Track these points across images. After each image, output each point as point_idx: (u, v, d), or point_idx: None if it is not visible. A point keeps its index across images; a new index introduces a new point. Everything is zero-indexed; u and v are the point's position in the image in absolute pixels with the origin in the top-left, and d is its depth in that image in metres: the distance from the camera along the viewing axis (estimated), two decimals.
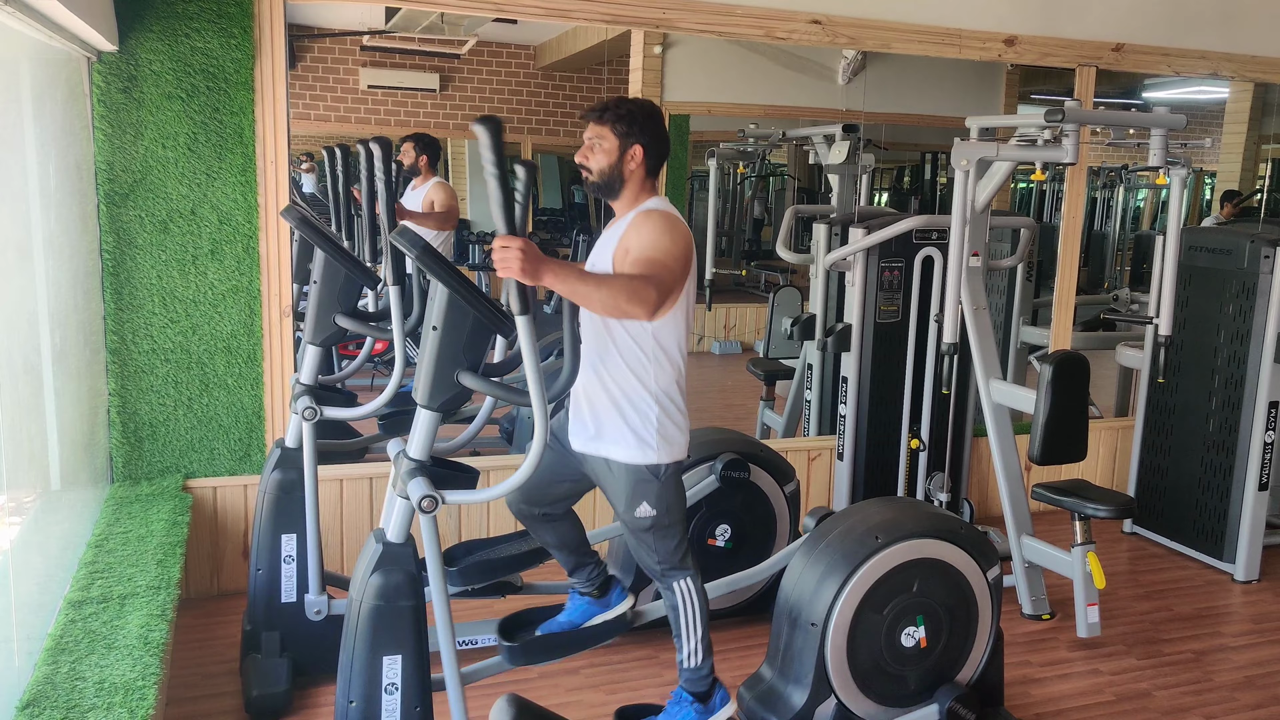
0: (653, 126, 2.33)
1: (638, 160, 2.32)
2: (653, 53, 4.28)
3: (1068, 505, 3.19)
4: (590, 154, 2.33)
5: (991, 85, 5.23)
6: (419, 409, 2.11)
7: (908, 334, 3.90)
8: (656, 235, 2.23)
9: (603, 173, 2.32)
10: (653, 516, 2.34)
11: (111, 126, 3.07)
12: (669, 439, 2.33)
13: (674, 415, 2.34)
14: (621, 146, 2.30)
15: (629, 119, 2.31)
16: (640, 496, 2.33)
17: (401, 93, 4.47)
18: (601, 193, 2.36)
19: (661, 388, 2.32)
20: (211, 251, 3.21)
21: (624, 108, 2.32)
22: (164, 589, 2.51)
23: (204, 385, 3.26)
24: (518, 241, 1.89)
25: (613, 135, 2.30)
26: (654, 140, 2.33)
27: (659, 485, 2.33)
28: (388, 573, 2.07)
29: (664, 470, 2.33)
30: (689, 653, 2.42)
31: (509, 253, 1.89)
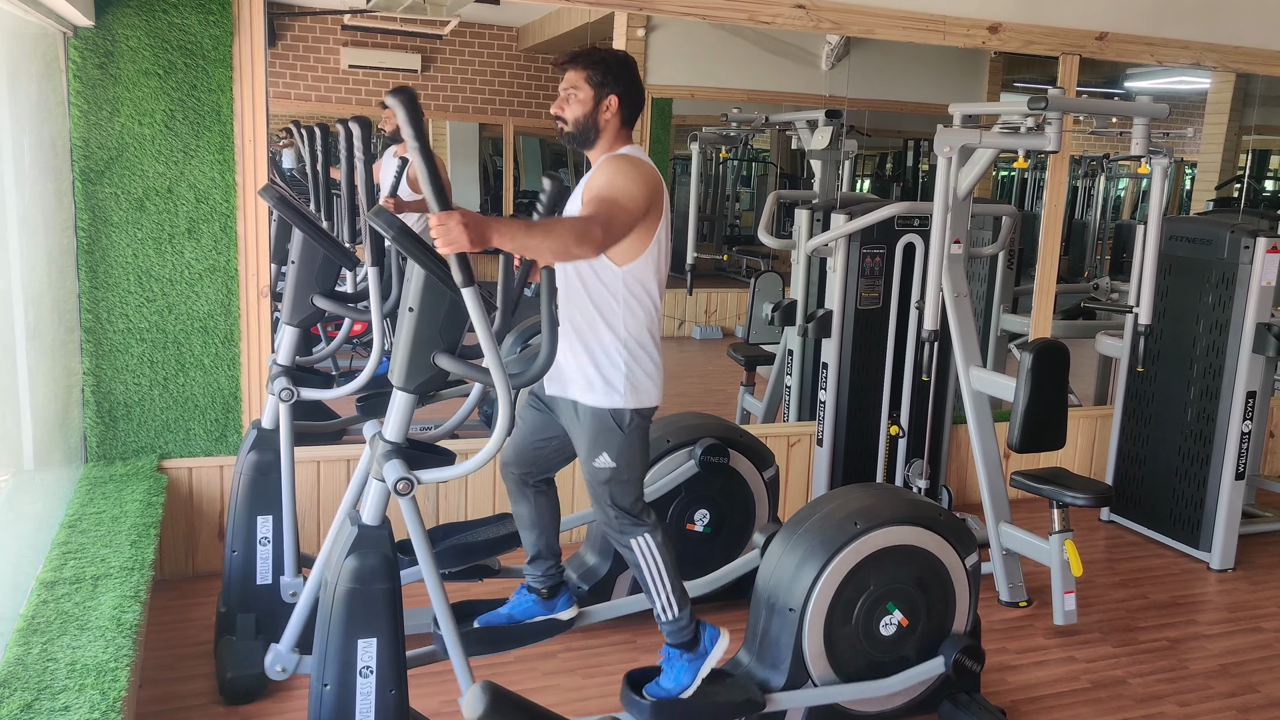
0: (628, 76, 2.31)
1: (613, 110, 2.30)
2: (636, 36, 4.27)
3: (1046, 493, 3.21)
4: (565, 105, 2.30)
5: (975, 73, 5.25)
6: (395, 391, 2.09)
7: (888, 321, 3.91)
8: (612, 175, 2.22)
9: (578, 122, 2.29)
10: (612, 469, 2.34)
11: (87, 103, 3.02)
12: (637, 385, 2.32)
13: (644, 362, 2.33)
14: (596, 96, 2.28)
15: (603, 67, 2.28)
16: (602, 445, 2.33)
17: (383, 73, 4.43)
18: (576, 143, 2.33)
19: (631, 333, 2.31)
20: (188, 230, 3.17)
21: (598, 55, 2.29)
22: (137, 570, 2.49)
23: (180, 365, 3.23)
24: (454, 215, 1.83)
25: (587, 85, 2.28)
26: (629, 89, 2.31)
27: (622, 436, 2.32)
28: (363, 555, 2.06)
29: (629, 418, 2.32)
30: (662, 606, 2.42)
31: (449, 227, 1.82)
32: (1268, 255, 3.63)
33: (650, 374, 2.35)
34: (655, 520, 2.42)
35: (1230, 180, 6.58)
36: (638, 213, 2.20)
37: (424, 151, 1.81)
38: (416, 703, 2.26)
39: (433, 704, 2.61)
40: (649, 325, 2.33)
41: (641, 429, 2.36)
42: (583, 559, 3.16)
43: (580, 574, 3.09)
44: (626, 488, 2.36)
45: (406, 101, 1.78)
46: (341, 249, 2.66)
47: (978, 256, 4.27)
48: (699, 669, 2.43)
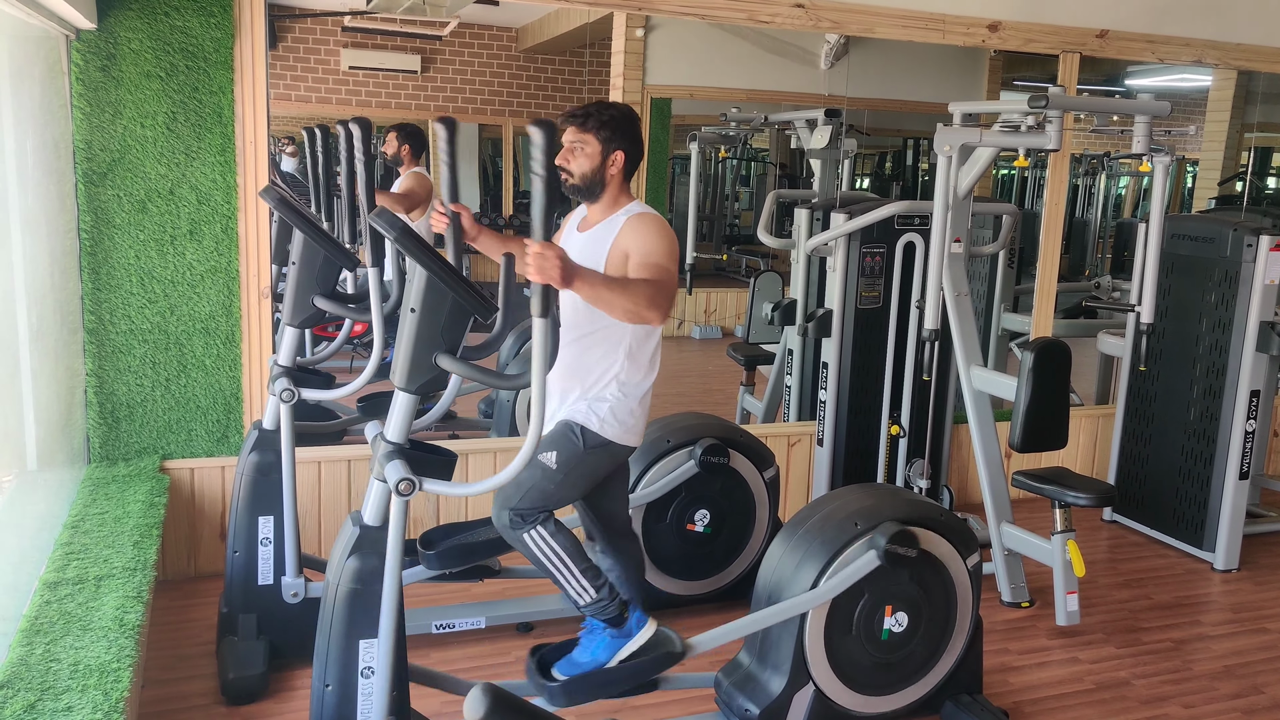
0: (633, 132, 2.41)
1: (618, 165, 2.39)
2: (635, 36, 4.28)
3: (1048, 493, 3.21)
4: (571, 157, 2.39)
5: (975, 71, 5.24)
6: (397, 391, 2.10)
7: (889, 320, 3.90)
8: (656, 241, 2.32)
9: (585, 176, 2.39)
10: (548, 470, 2.35)
11: (90, 105, 3.03)
12: (618, 420, 2.38)
13: (631, 406, 2.40)
14: (604, 152, 2.38)
15: (611, 125, 2.37)
16: (555, 446, 2.36)
17: (383, 74, 4.43)
18: (581, 195, 2.42)
19: (630, 382, 2.38)
20: (190, 232, 3.18)
21: (606, 114, 2.38)
22: (140, 571, 2.49)
23: (182, 366, 3.24)
24: (555, 249, 1.93)
25: (596, 140, 2.37)
26: (633, 145, 2.41)
27: (579, 451, 2.35)
28: (365, 556, 2.06)
29: (594, 441, 2.36)
30: (576, 592, 2.39)
31: (547, 260, 1.92)
32: (1271, 253, 3.62)
33: (635, 416, 2.41)
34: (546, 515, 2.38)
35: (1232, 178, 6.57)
36: (676, 277, 2.31)
37: (549, 183, 1.89)
38: (418, 703, 2.26)
39: (433, 704, 2.61)
40: (644, 378, 2.42)
41: (600, 457, 2.38)
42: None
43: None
44: (543, 496, 2.34)
45: (547, 133, 1.88)
46: (342, 250, 2.66)
47: (978, 255, 4.27)
48: (619, 649, 2.41)
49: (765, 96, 4.82)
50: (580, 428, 2.35)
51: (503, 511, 2.36)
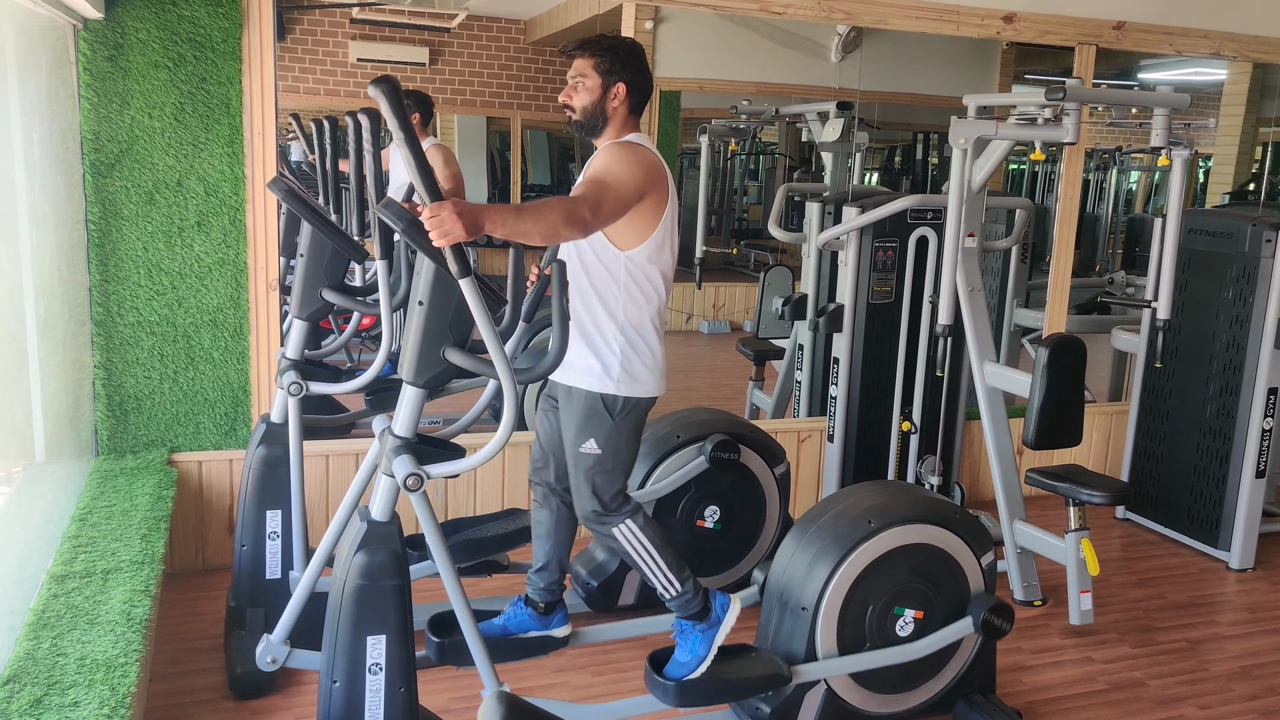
0: (635, 63, 2.30)
1: (620, 98, 2.29)
2: (644, 28, 4.25)
3: (1062, 491, 3.17)
4: (573, 92, 2.29)
5: (986, 64, 5.20)
6: (405, 386, 2.08)
7: (900, 315, 3.87)
8: (608, 159, 2.21)
9: (585, 110, 2.29)
10: (596, 456, 2.32)
11: (97, 95, 3.01)
12: (633, 373, 2.30)
13: (641, 351, 2.31)
14: (605, 84, 2.27)
15: (611, 55, 2.27)
16: (589, 431, 2.31)
17: (391, 66, 4.43)
18: (584, 131, 2.32)
19: (630, 320, 2.29)
20: (198, 223, 3.16)
21: (606, 42, 2.28)
22: (148, 564, 2.48)
23: (190, 359, 3.22)
24: (446, 205, 1.79)
25: (595, 73, 2.27)
26: (637, 77, 2.29)
27: (611, 424, 2.30)
28: (372, 551, 2.04)
29: (620, 405, 2.30)
30: (663, 586, 2.40)
31: (443, 218, 1.78)
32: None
33: (648, 364, 2.32)
34: (634, 504, 2.39)
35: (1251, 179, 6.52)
36: (629, 195, 2.18)
37: (410, 141, 1.78)
38: (426, 700, 2.25)
39: (442, 700, 2.59)
40: (650, 315, 2.31)
41: (633, 419, 2.34)
42: (591, 555, 3.14)
43: (589, 570, 3.07)
44: (610, 478, 2.33)
45: (388, 90, 1.74)
46: (350, 242, 2.64)
47: (991, 250, 4.23)
48: (714, 638, 2.41)
49: (775, 89, 4.80)
50: (599, 398, 2.29)
51: (587, 514, 2.34)
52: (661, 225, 2.27)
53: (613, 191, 2.14)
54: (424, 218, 1.80)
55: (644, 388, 2.32)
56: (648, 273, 2.29)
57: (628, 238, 2.25)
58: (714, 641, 2.41)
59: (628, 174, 2.18)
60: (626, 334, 2.29)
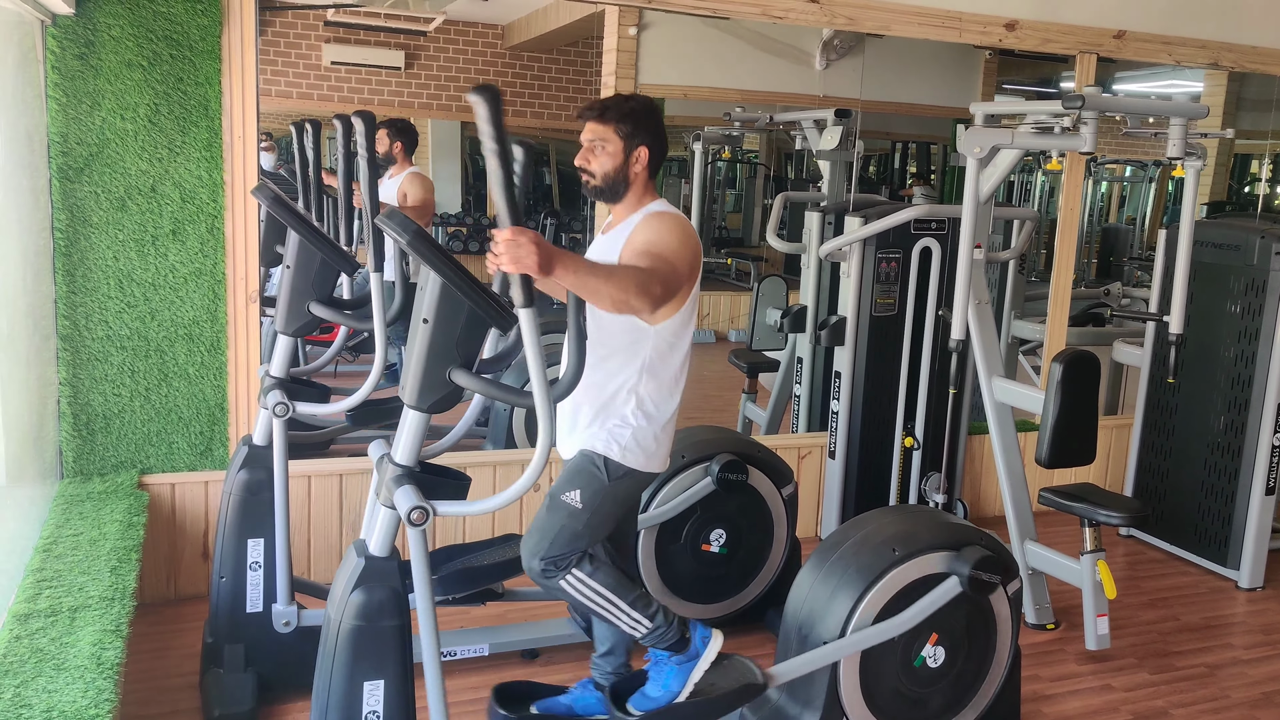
0: (655, 125, 2.22)
1: (642, 163, 2.20)
2: (627, 34, 4.16)
3: (1077, 511, 3.07)
4: (592, 156, 2.19)
5: (969, 74, 5.16)
6: (406, 410, 1.92)
7: (904, 327, 3.76)
8: (664, 234, 2.12)
9: (607, 176, 2.19)
10: (574, 510, 2.15)
11: (66, 95, 2.83)
12: (642, 448, 2.18)
13: (656, 429, 2.20)
14: (626, 149, 2.18)
15: (634, 119, 2.18)
16: (577, 484, 2.16)
17: (365, 70, 4.32)
18: (603, 197, 2.22)
19: (650, 397, 2.18)
20: (173, 231, 2.98)
21: (627, 107, 2.18)
22: (118, 600, 2.29)
23: (163, 375, 3.03)
24: (528, 234, 1.72)
25: (617, 137, 2.18)
26: (657, 140, 2.22)
27: (604, 484, 2.15)
28: (370, 590, 1.89)
29: (619, 473, 2.16)
30: (629, 626, 2.22)
31: (521, 245, 1.71)
32: None
33: (660, 441, 2.21)
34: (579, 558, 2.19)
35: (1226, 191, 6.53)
36: (684, 274, 2.11)
37: (503, 157, 1.67)
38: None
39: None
40: (670, 391, 2.21)
41: (626, 488, 2.19)
42: None
43: None
44: (577, 539, 2.15)
45: (490, 99, 1.64)
46: (341, 252, 2.48)
47: (994, 261, 4.14)
48: (690, 672, 2.26)
49: (759, 97, 4.73)
50: (602, 459, 2.15)
51: (533, 560, 2.16)
52: (690, 299, 2.18)
53: (675, 270, 2.07)
54: (500, 238, 1.72)
55: (648, 462, 2.20)
56: (674, 346, 2.20)
57: (659, 312, 2.12)
58: (690, 677, 2.25)
59: (684, 251, 2.12)
60: (645, 409, 2.17)
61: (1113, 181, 8.42)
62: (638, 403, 2.16)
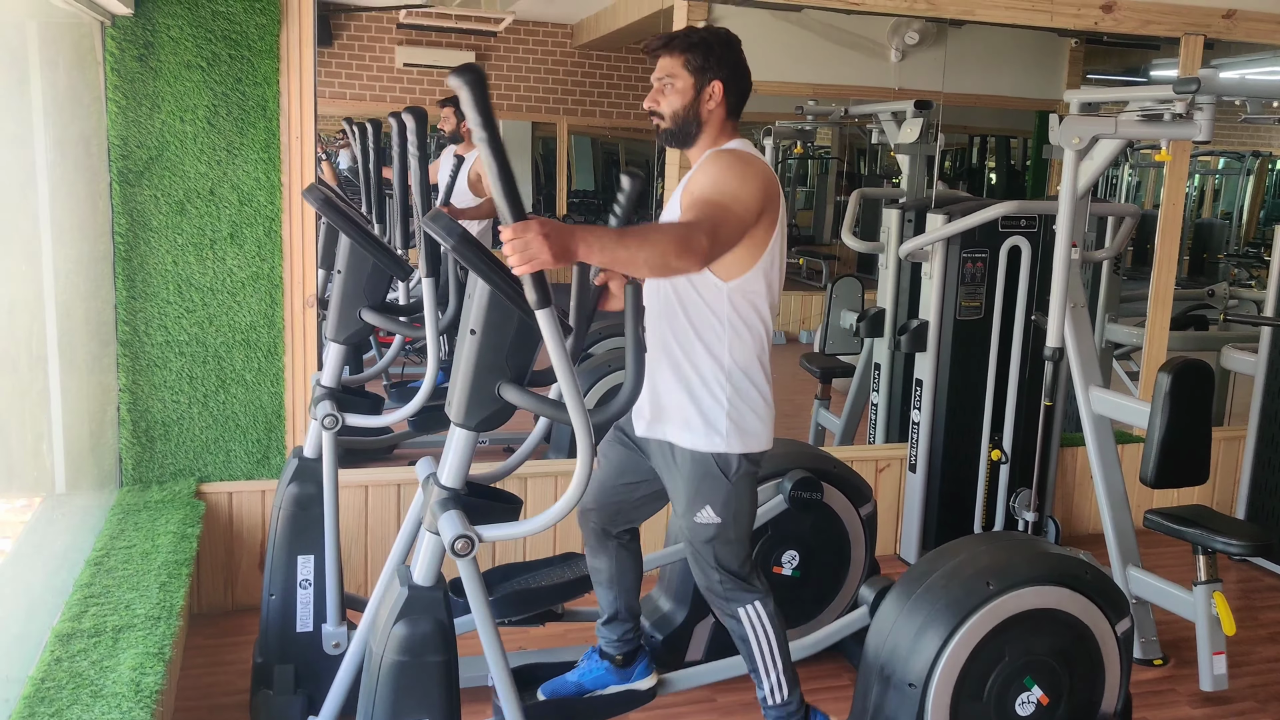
0: (732, 57, 1.98)
1: (716, 99, 1.96)
2: None
3: (1190, 537, 2.79)
4: (661, 96, 1.98)
5: (1053, 65, 4.92)
6: (453, 428, 1.79)
7: (990, 332, 3.52)
8: (718, 173, 1.89)
9: (676, 116, 1.97)
10: (716, 525, 2.01)
11: (126, 98, 2.78)
12: (744, 427, 1.99)
13: (752, 399, 2.00)
14: (697, 84, 1.95)
15: (704, 50, 1.95)
16: (704, 498, 2.00)
17: (437, 71, 4.35)
18: (675, 141, 2.00)
19: (738, 362, 1.98)
20: (230, 235, 2.92)
21: (696, 36, 1.96)
22: (164, 620, 2.22)
23: (221, 381, 2.98)
24: (532, 225, 1.50)
25: (686, 72, 1.95)
26: (734, 73, 1.98)
27: (728, 486, 1.99)
28: (414, 622, 1.76)
29: (736, 465, 2.00)
30: (770, 688, 2.09)
31: (527, 240, 1.49)
32: None
33: (759, 413, 2.02)
34: (767, 585, 2.09)
35: None
36: (748, 218, 1.87)
37: (493, 143, 1.47)
38: None
39: None
40: (759, 353, 2.00)
41: (750, 477, 2.03)
42: (655, 604, 2.83)
43: (653, 621, 2.77)
44: (734, 547, 2.03)
45: (472, 81, 1.44)
46: (393, 256, 2.37)
47: (1090, 261, 3.86)
48: None
49: (831, 91, 4.59)
50: (710, 457, 1.98)
51: (709, 583, 2.05)
52: (770, 249, 1.96)
53: (730, 214, 1.82)
54: (504, 239, 1.52)
55: (756, 440, 2.01)
56: (755, 305, 1.98)
57: (732, 265, 1.93)
58: None
59: (744, 192, 1.87)
60: (734, 380, 1.97)
61: (1206, 174, 7.95)
62: (725, 373, 1.97)
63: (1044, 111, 5.05)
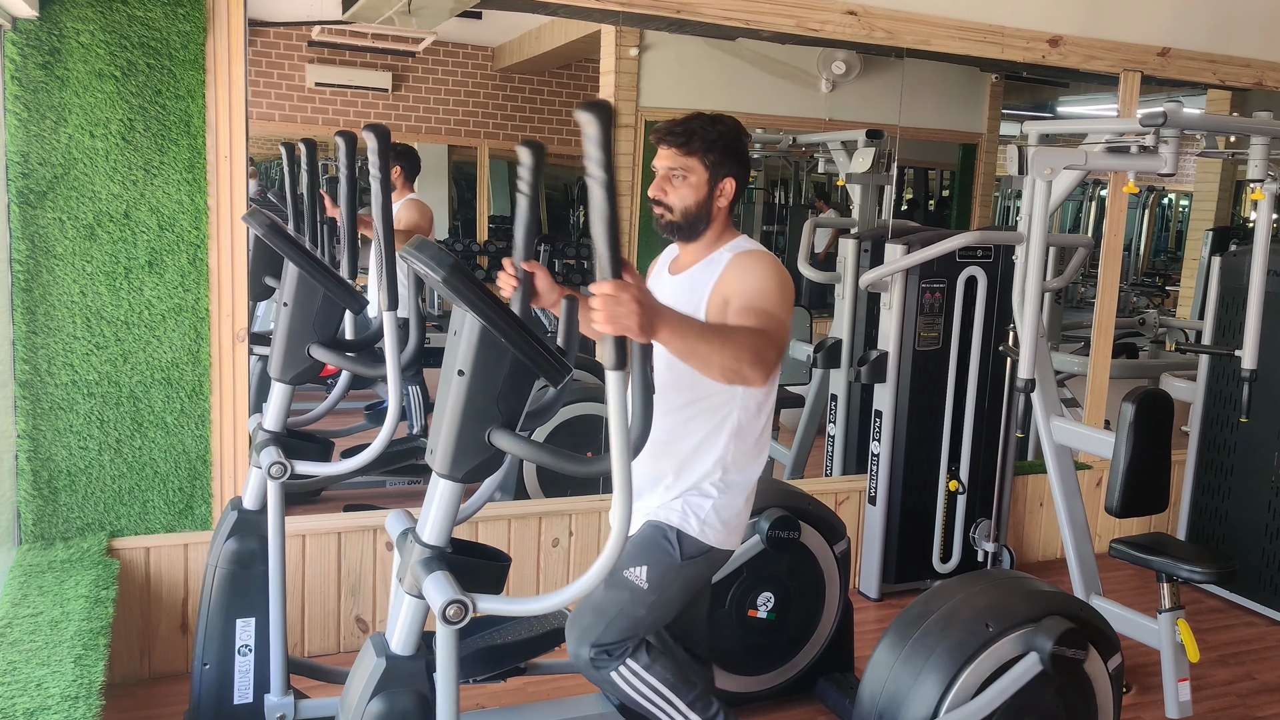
0: (743, 153, 1.94)
1: (728, 196, 1.93)
2: (628, 55, 3.99)
3: (1156, 566, 2.78)
4: (670, 188, 1.90)
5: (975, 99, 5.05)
6: (436, 479, 1.60)
7: (949, 363, 3.49)
8: (764, 282, 1.83)
9: (687, 212, 1.90)
10: (636, 589, 1.86)
11: (27, 110, 2.50)
12: (722, 519, 1.90)
13: (735, 501, 1.91)
14: (711, 180, 1.90)
15: (721, 146, 1.89)
16: (645, 559, 1.86)
17: (351, 92, 4.16)
18: (680, 234, 1.94)
19: (734, 462, 1.90)
20: (149, 263, 2.65)
21: (715, 132, 1.90)
22: (83, 699, 1.94)
23: (136, 424, 2.69)
24: (630, 289, 1.41)
25: (702, 167, 1.89)
26: (743, 168, 1.94)
27: (676, 564, 1.86)
28: (392, 697, 1.56)
29: (690, 548, 1.87)
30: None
31: (621, 302, 1.41)
32: None
33: (740, 515, 1.92)
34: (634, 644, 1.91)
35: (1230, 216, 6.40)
36: (790, 330, 1.84)
37: (609, 187, 1.35)
38: None
39: None
40: (754, 458, 1.93)
41: (699, 570, 1.90)
42: None
43: None
44: (636, 625, 1.86)
45: (603, 117, 1.31)
46: (346, 287, 2.16)
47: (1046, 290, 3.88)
48: None
49: (765, 121, 4.58)
50: (676, 532, 1.85)
51: (583, 647, 1.86)
52: None
53: (784, 328, 1.80)
54: (597, 291, 1.41)
55: (729, 538, 1.90)
56: (761, 407, 1.93)
57: None
58: None
59: (787, 303, 1.84)
60: (728, 478, 1.89)
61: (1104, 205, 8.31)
62: (723, 471, 1.87)
63: (968, 144, 5.16)
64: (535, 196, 1.62)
